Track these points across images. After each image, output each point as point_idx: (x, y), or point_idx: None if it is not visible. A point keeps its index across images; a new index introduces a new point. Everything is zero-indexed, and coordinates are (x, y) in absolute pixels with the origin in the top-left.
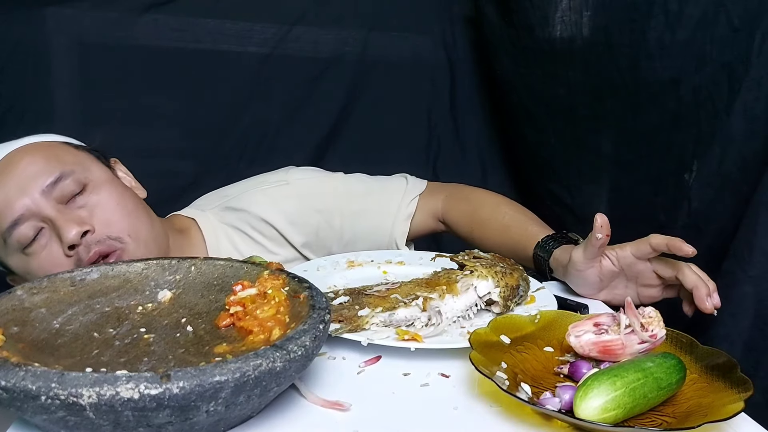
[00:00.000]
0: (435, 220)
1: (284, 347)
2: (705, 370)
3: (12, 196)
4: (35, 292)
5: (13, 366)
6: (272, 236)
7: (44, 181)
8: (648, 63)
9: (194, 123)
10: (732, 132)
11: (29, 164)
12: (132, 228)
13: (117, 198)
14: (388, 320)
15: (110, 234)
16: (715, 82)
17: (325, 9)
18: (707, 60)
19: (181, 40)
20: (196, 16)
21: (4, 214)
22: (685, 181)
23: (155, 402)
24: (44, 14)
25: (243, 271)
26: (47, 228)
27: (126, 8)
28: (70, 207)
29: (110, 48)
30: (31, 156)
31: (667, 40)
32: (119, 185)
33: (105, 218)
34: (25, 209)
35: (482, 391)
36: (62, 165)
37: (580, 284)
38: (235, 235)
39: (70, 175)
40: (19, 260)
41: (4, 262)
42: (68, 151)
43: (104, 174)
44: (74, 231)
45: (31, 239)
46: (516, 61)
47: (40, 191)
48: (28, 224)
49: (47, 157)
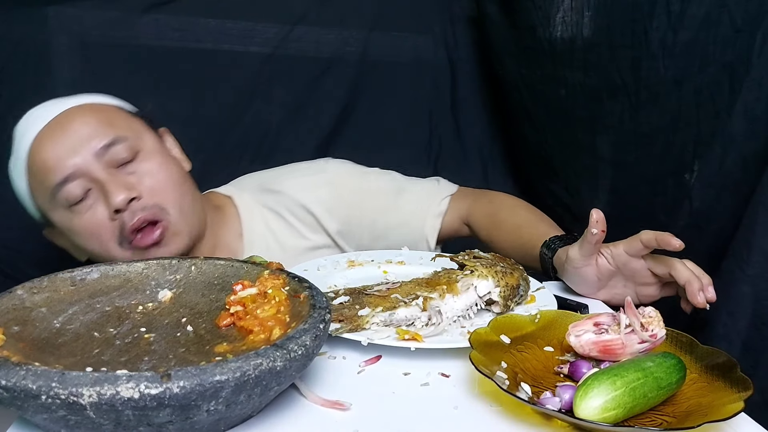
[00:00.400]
0: (461, 223)
1: (285, 347)
2: (705, 369)
3: (64, 154)
4: (36, 291)
5: (14, 365)
6: (308, 221)
7: (97, 144)
8: (650, 63)
9: (195, 122)
10: (733, 132)
11: (83, 125)
12: (178, 200)
13: (166, 168)
14: (388, 320)
15: (157, 203)
16: (717, 83)
17: (326, 9)
18: (710, 60)
19: (182, 40)
20: (197, 15)
21: (54, 171)
22: (686, 181)
23: (156, 401)
24: (46, 13)
25: (243, 270)
26: (95, 189)
27: (128, 8)
28: (120, 172)
29: (112, 47)
30: (85, 117)
31: (670, 40)
32: (168, 155)
33: (153, 187)
34: (75, 168)
35: (482, 390)
36: (116, 130)
37: (579, 282)
38: (271, 216)
39: (123, 141)
40: (63, 216)
41: (47, 215)
42: (122, 116)
43: (155, 143)
44: (122, 196)
45: (78, 198)
46: (518, 61)
47: (92, 153)
48: (77, 183)
49: (101, 120)
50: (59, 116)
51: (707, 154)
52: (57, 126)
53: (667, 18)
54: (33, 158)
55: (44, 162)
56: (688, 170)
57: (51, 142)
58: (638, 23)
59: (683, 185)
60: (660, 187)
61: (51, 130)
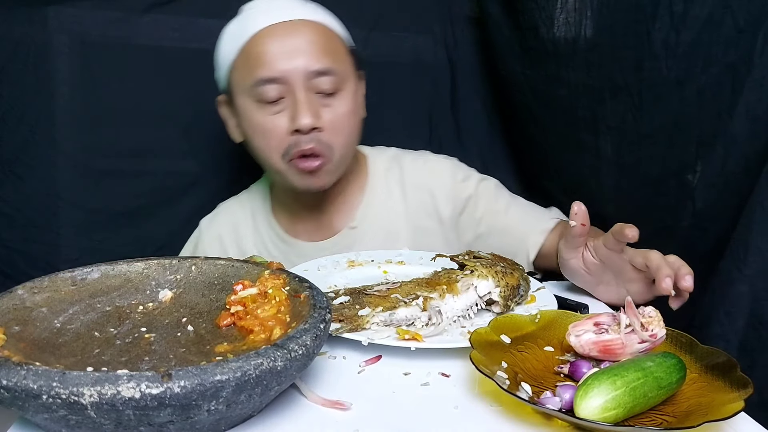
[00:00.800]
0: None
1: (285, 346)
2: (705, 369)
3: (280, 59)
4: (36, 291)
5: (15, 365)
6: (423, 202)
7: (312, 66)
8: (653, 64)
9: (195, 123)
10: (735, 133)
11: (310, 44)
12: (344, 146)
13: (352, 116)
14: (388, 320)
15: (330, 142)
16: (719, 83)
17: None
18: (712, 61)
19: (182, 40)
20: (197, 15)
21: (264, 67)
22: (689, 181)
23: (156, 401)
24: (45, 13)
25: (244, 270)
26: (288, 101)
27: (127, 8)
28: (317, 98)
29: (112, 47)
30: (315, 37)
31: (673, 41)
32: (357, 102)
33: (335, 128)
34: (283, 76)
35: (483, 390)
36: (333, 62)
37: (572, 276)
38: (395, 188)
39: (333, 75)
40: (248, 105)
41: (234, 93)
42: (342, 51)
43: (354, 86)
44: (309, 120)
45: (271, 100)
46: (521, 61)
47: (304, 71)
48: (277, 87)
49: (326, 48)
50: (295, 23)
51: (709, 154)
52: (287, 31)
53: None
54: (252, 45)
55: (260, 55)
56: (691, 171)
57: (275, 43)
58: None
59: (686, 186)
60: (663, 188)
61: (282, 31)
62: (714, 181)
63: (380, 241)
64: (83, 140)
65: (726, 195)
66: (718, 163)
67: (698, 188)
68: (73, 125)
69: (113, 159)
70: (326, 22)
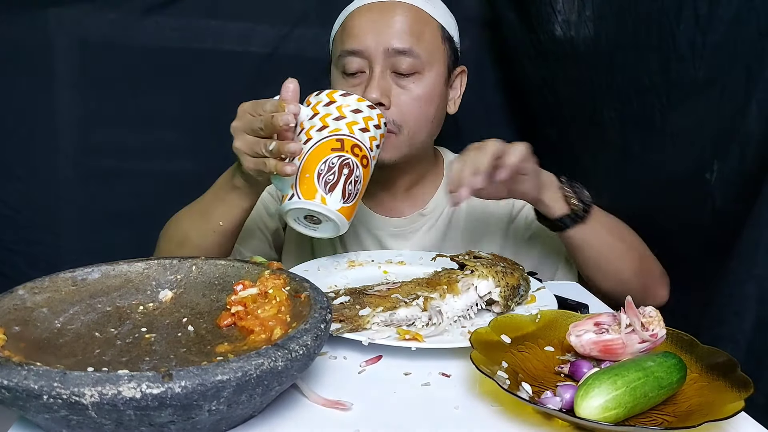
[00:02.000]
0: None
1: (286, 346)
2: (705, 369)
3: (367, 33)
4: (37, 291)
5: (15, 365)
6: (490, 222)
7: (394, 44)
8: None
9: (195, 123)
10: (749, 132)
11: (398, 23)
12: (414, 130)
13: (427, 102)
14: (389, 320)
15: (397, 121)
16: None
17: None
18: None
19: (182, 41)
20: (197, 17)
21: (351, 40)
22: (708, 180)
23: (157, 401)
24: (46, 15)
25: (244, 270)
26: (366, 76)
27: (128, 9)
28: (392, 77)
29: (112, 49)
30: (405, 17)
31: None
32: (439, 92)
33: (404, 110)
34: (365, 50)
35: (483, 390)
36: (417, 44)
37: None
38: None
39: (414, 57)
40: (334, 73)
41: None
42: (434, 37)
43: (438, 75)
44: (375, 95)
45: (350, 72)
46: (537, 64)
47: (385, 47)
48: (358, 60)
49: (413, 29)
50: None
51: (727, 153)
52: (381, 10)
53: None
54: (348, 19)
55: (351, 28)
56: (709, 169)
57: (365, 19)
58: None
59: (705, 184)
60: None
61: (377, 9)
62: (732, 179)
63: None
64: (83, 141)
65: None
66: (734, 162)
67: (717, 187)
68: (73, 126)
69: (113, 159)
70: (424, 7)
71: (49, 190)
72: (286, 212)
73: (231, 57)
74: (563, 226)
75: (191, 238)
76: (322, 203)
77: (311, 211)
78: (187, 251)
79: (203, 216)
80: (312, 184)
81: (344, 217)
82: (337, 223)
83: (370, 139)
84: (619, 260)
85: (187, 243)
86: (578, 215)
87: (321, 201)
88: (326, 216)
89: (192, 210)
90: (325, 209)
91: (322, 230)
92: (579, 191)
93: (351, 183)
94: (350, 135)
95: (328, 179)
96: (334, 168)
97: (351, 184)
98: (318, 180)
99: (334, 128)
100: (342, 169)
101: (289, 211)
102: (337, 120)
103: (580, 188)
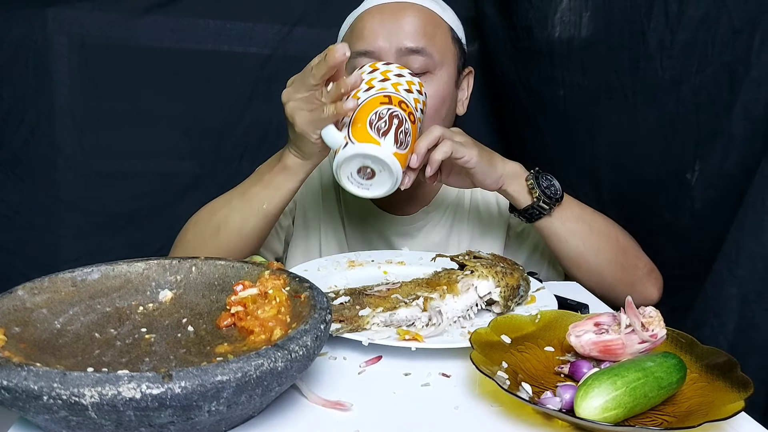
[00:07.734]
0: None
1: (286, 347)
2: (705, 369)
3: (377, 35)
4: (36, 292)
5: (15, 366)
6: (493, 214)
7: (405, 44)
8: (648, 64)
9: (195, 124)
10: (732, 133)
11: (408, 25)
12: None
13: (439, 101)
14: (388, 320)
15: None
16: (716, 83)
17: (326, 9)
18: (708, 61)
19: (182, 41)
20: (197, 17)
21: (362, 41)
22: (688, 181)
23: (157, 402)
24: (46, 15)
25: (244, 271)
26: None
27: (127, 9)
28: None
29: (111, 48)
30: (416, 19)
31: (668, 41)
32: (450, 92)
33: None
34: (376, 50)
35: (483, 390)
36: (428, 43)
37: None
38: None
39: (425, 56)
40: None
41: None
42: (444, 37)
43: (447, 76)
44: None
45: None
46: (515, 62)
47: (396, 48)
48: (369, 60)
49: (425, 30)
50: (403, 4)
51: (708, 154)
52: (392, 11)
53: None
54: (358, 20)
55: (361, 30)
56: (690, 170)
57: (376, 20)
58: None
59: (685, 185)
60: (662, 187)
61: (388, 10)
62: (713, 180)
63: (446, 229)
64: (83, 141)
65: (726, 195)
66: (716, 163)
67: (697, 187)
68: (73, 127)
69: (113, 160)
70: (434, 9)
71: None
72: (340, 164)
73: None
74: (529, 217)
75: (231, 222)
76: (377, 146)
77: (366, 156)
78: (222, 238)
79: (245, 201)
80: (365, 130)
81: (399, 163)
82: (392, 170)
83: (414, 101)
84: (593, 253)
85: (224, 228)
86: (542, 207)
87: (375, 144)
88: (381, 160)
89: (230, 197)
90: (380, 151)
91: (375, 186)
92: (547, 183)
93: (402, 132)
94: (396, 93)
95: (379, 126)
96: (384, 117)
97: (402, 133)
98: (370, 127)
99: (380, 87)
100: (392, 119)
101: (343, 162)
102: (383, 81)
103: (550, 179)
